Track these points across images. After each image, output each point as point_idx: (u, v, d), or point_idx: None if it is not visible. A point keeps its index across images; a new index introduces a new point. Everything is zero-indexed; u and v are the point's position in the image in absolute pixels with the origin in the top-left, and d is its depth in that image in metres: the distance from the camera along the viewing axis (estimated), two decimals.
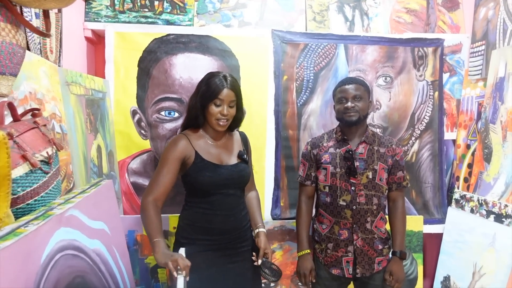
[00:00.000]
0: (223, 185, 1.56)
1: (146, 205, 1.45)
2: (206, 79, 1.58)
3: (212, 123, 1.55)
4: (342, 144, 1.72)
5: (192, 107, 1.58)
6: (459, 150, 2.36)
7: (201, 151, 1.56)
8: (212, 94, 1.52)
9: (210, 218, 1.55)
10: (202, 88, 1.56)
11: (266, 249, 1.54)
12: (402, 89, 2.38)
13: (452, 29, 2.47)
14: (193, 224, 1.56)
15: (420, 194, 2.40)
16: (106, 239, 1.13)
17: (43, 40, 1.50)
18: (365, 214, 1.67)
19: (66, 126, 1.61)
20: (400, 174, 1.74)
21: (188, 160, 1.54)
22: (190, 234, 1.56)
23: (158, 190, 1.49)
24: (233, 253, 1.58)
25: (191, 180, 1.54)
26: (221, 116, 1.53)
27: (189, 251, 1.33)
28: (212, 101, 1.53)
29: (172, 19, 2.28)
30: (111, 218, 1.22)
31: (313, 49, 2.32)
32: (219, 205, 1.56)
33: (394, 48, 2.37)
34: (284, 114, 2.31)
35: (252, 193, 1.74)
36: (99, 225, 1.10)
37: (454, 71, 2.41)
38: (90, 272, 0.96)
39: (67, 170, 1.56)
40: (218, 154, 1.60)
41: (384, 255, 1.73)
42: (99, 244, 1.07)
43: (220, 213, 1.56)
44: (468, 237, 2.10)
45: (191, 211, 1.58)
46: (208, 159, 1.55)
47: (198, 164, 1.53)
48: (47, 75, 1.47)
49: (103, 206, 1.18)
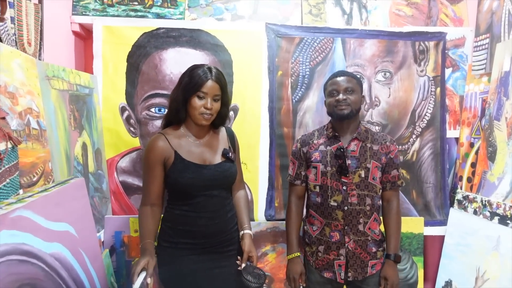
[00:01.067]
0: (206, 186, 1.47)
1: (140, 213, 1.48)
2: (189, 71, 1.49)
3: (195, 117, 1.46)
4: (333, 141, 1.63)
5: (173, 100, 1.49)
6: (462, 149, 2.25)
7: (181, 151, 1.47)
8: (195, 85, 1.43)
9: (192, 220, 1.47)
10: (184, 80, 1.47)
11: (250, 253, 1.45)
12: (402, 85, 2.28)
13: (455, 22, 2.36)
14: (175, 227, 1.49)
15: (421, 194, 2.29)
16: (70, 241, 1.05)
17: (19, 32, 1.43)
18: (357, 215, 1.58)
19: (45, 122, 1.54)
20: (394, 173, 1.64)
21: (167, 161, 1.46)
22: (172, 238, 1.48)
23: (150, 197, 1.48)
24: (220, 257, 1.50)
25: (171, 181, 1.46)
26: (204, 110, 1.44)
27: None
28: (195, 93, 1.44)
29: (163, 13, 2.21)
30: (80, 219, 1.14)
31: (309, 43, 2.23)
32: (202, 207, 1.47)
33: (394, 42, 2.27)
34: (278, 111, 2.23)
35: (240, 193, 1.64)
36: (62, 227, 1.02)
37: (457, 66, 2.31)
38: (44, 279, 0.88)
39: (45, 168, 1.49)
40: (201, 153, 1.51)
41: (378, 258, 1.63)
42: (60, 248, 0.99)
43: (204, 215, 1.48)
44: (471, 240, 1.99)
45: (172, 213, 1.50)
46: (189, 159, 1.47)
47: (177, 165, 1.45)
48: (22, 68, 1.40)
49: (69, 206, 1.11)
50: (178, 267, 1.45)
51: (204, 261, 1.47)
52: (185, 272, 1.45)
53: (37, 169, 1.40)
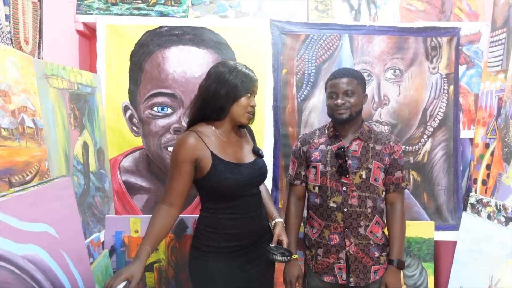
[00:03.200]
0: (247, 185, 1.43)
1: (155, 210, 1.40)
2: (233, 69, 1.41)
3: (241, 116, 1.43)
4: (334, 141, 1.56)
5: (218, 98, 1.39)
6: (477, 150, 2.14)
7: (217, 151, 1.40)
8: (249, 85, 1.42)
9: (238, 223, 1.42)
10: (232, 79, 1.39)
11: (280, 236, 1.44)
12: (413, 83, 2.19)
13: (469, 17, 2.25)
14: (220, 232, 1.42)
15: (433, 197, 2.19)
16: (49, 243, 1.01)
17: (14, 30, 1.43)
18: (357, 218, 1.51)
19: (42, 121, 1.54)
20: (398, 174, 1.56)
21: (202, 162, 1.36)
22: (217, 243, 1.42)
23: (170, 195, 1.38)
24: (255, 256, 1.47)
25: (213, 185, 1.37)
26: (251, 108, 1.44)
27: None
28: (247, 92, 1.42)
29: (166, 11, 2.19)
30: (63, 220, 1.11)
31: (315, 40, 2.17)
32: (245, 207, 1.43)
33: (404, 38, 2.17)
34: (283, 110, 2.17)
35: (261, 186, 1.60)
36: (39, 228, 0.99)
37: (472, 63, 2.19)
38: (13, 282, 0.85)
39: (40, 167, 1.48)
40: (235, 153, 1.46)
41: (382, 263, 1.55)
42: (36, 249, 0.95)
43: (247, 215, 1.44)
44: (484, 246, 1.88)
45: (215, 218, 1.43)
46: (226, 158, 1.40)
47: (217, 166, 1.37)
48: (17, 66, 1.40)
49: (50, 206, 1.07)
50: (222, 273, 1.41)
51: (243, 262, 1.44)
52: (229, 278, 1.41)
53: (31, 168, 1.39)
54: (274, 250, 1.39)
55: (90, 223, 1.88)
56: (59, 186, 1.17)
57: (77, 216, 1.22)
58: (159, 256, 2.01)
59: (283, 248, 1.42)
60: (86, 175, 1.89)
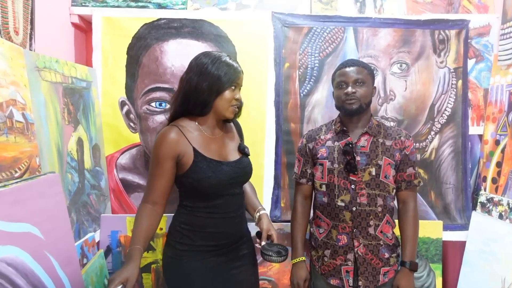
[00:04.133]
0: (230, 184, 1.36)
1: (138, 210, 1.34)
2: (216, 61, 1.34)
3: (225, 110, 1.35)
4: (341, 137, 1.49)
5: (201, 91, 1.32)
6: (487, 147, 2.06)
7: (199, 147, 1.33)
8: (232, 77, 1.33)
9: (217, 222, 1.36)
10: (214, 71, 1.32)
11: (269, 231, 1.36)
12: (420, 77, 2.11)
13: (479, 9, 2.17)
14: (196, 230, 1.36)
15: (440, 196, 2.12)
16: (32, 244, 0.93)
17: (3, 19, 1.36)
18: (367, 217, 1.43)
19: (33, 115, 1.46)
20: (410, 171, 1.48)
21: (183, 158, 1.31)
22: (192, 241, 1.36)
23: (153, 194, 1.32)
24: (235, 257, 1.40)
25: (193, 182, 1.31)
26: (235, 101, 1.36)
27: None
28: (231, 85, 1.34)
29: (164, 3, 2.11)
30: (49, 219, 1.03)
31: (318, 33, 2.09)
32: (226, 207, 1.37)
33: (411, 31, 2.10)
34: (285, 105, 2.09)
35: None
36: (21, 228, 0.91)
37: (481, 57, 2.12)
38: None
39: (31, 163, 1.40)
40: (218, 149, 1.39)
41: (392, 265, 1.48)
42: (17, 251, 0.87)
43: (228, 215, 1.37)
44: (496, 247, 1.81)
45: (192, 216, 1.37)
46: (209, 156, 1.33)
47: (199, 164, 1.31)
48: (6, 57, 1.32)
49: (34, 204, 1.00)
50: (199, 272, 1.34)
51: (222, 262, 1.37)
52: (207, 277, 1.34)
53: (20, 164, 1.32)
54: (269, 249, 1.30)
55: (85, 222, 1.80)
56: (45, 183, 1.09)
57: (65, 215, 1.14)
58: (156, 256, 1.94)
59: (278, 245, 1.34)
60: (80, 173, 1.81)
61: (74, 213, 1.70)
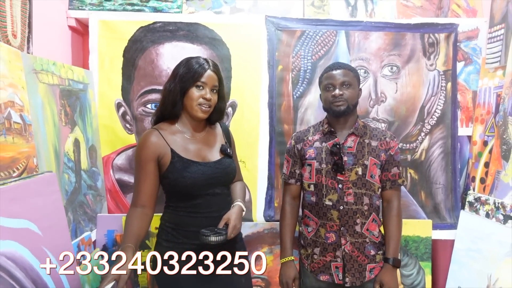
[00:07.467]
0: (208, 184, 1.40)
1: (128, 214, 1.38)
2: (185, 61, 1.43)
3: (193, 109, 1.39)
4: (329, 137, 1.53)
5: (169, 92, 1.40)
6: (475, 148, 2.11)
7: (178, 148, 1.39)
8: (195, 75, 1.37)
9: (198, 221, 1.38)
10: (181, 71, 1.40)
11: (228, 220, 1.34)
12: (410, 79, 2.16)
13: (467, 13, 2.22)
14: (178, 228, 1.40)
15: (430, 196, 2.16)
16: (31, 240, 0.98)
17: (1, 23, 1.40)
18: (353, 215, 1.48)
19: (31, 117, 1.50)
20: (395, 171, 1.53)
21: (163, 159, 1.37)
22: (175, 238, 1.40)
23: (140, 198, 1.37)
24: (222, 256, 1.41)
25: (171, 182, 1.37)
26: (203, 100, 1.38)
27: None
28: (194, 83, 1.37)
29: (160, 6, 2.15)
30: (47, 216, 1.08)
31: (311, 36, 2.14)
32: (206, 207, 1.40)
33: (402, 34, 2.15)
34: (278, 107, 2.14)
35: (236, 182, 1.56)
36: (19, 224, 0.95)
37: (470, 60, 2.16)
38: None
39: (28, 163, 1.44)
40: (198, 150, 1.43)
41: (377, 262, 1.52)
42: (16, 246, 0.92)
43: (209, 215, 1.40)
44: (483, 245, 1.85)
45: (175, 215, 1.42)
46: (187, 156, 1.38)
47: (176, 164, 1.36)
48: (4, 60, 1.36)
49: (32, 202, 1.04)
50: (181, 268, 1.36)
51: (208, 261, 1.39)
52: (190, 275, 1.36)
53: (18, 164, 1.36)
54: (208, 232, 1.28)
55: (81, 221, 1.84)
56: (43, 182, 1.13)
57: (62, 213, 1.18)
58: None
59: (220, 228, 1.32)
60: (77, 173, 1.85)
61: (71, 213, 1.74)
